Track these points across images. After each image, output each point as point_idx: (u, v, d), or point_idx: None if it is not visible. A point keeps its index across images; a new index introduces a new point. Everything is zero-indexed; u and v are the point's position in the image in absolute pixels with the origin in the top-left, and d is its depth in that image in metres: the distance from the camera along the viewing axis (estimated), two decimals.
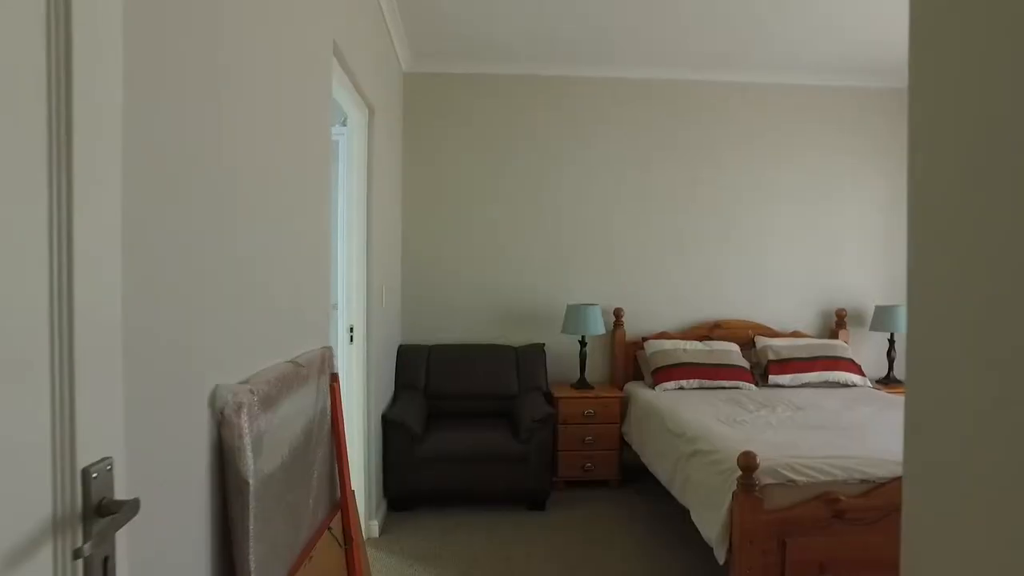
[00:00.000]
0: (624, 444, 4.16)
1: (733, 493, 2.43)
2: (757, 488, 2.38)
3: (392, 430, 3.65)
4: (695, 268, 4.70)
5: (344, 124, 3.34)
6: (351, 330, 3.30)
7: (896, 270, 4.86)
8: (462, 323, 4.55)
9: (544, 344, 4.45)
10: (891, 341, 4.61)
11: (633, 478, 4.19)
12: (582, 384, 4.30)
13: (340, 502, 2.01)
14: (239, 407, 1.24)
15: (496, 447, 3.67)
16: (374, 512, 3.40)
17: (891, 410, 3.51)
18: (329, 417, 2.00)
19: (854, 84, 4.76)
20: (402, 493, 3.70)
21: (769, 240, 4.75)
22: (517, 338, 4.54)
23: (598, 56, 4.37)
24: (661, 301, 4.69)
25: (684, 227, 4.69)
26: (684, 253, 4.69)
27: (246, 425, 1.24)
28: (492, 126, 4.58)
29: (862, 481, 2.45)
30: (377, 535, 3.37)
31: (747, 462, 2.37)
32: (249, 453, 1.24)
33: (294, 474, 1.57)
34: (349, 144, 3.35)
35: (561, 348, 4.56)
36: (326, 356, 2.08)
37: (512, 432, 3.79)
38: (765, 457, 2.45)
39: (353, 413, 3.29)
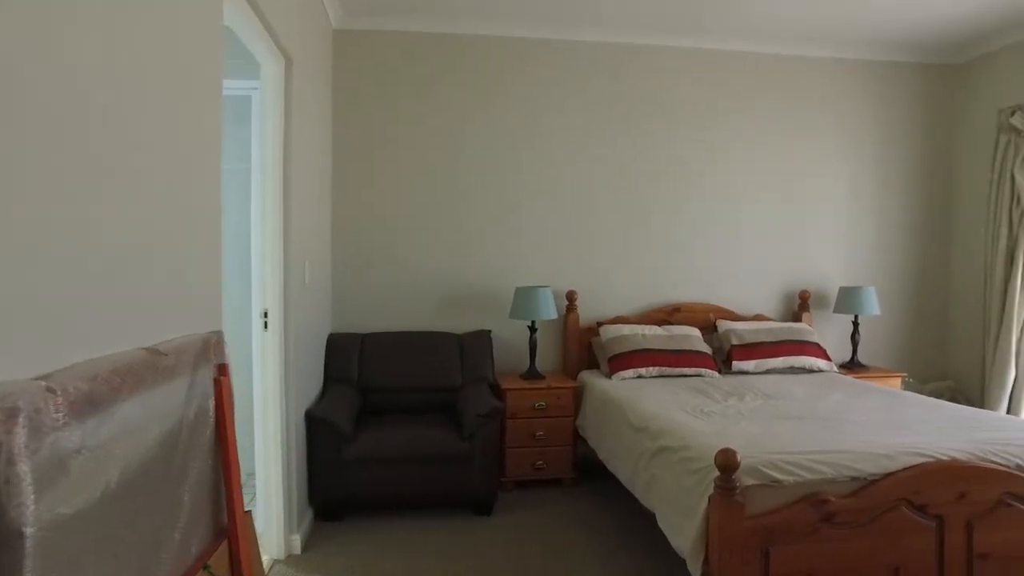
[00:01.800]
0: (579, 439, 3.81)
1: (710, 497, 2.09)
2: (738, 490, 2.05)
3: (317, 429, 3.19)
4: (653, 249, 4.38)
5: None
6: (265, 315, 2.83)
7: (860, 250, 4.65)
8: (400, 309, 4.11)
9: (491, 331, 4.04)
10: (855, 324, 4.40)
11: (589, 476, 3.85)
12: (532, 374, 3.92)
13: (227, 528, 1.57)
14: (10, 417, 0.80)
15: (437, 446, 3.26)
16: (296, 525, 2.94)
17: (864, 397, 3.25)
18: (212, 420, 1.56)
19: (821, 56, 4.51)
20: (330, 500, 3.26)
21: (730, 220, 4.46)
22: (461, 324, 4.13)
23: (552, 16, 3.97)
24: (617, 283, 4.34)
25: (641, 206, 4.35)
26: (641, 233, 4.36)
27: (22, 444, 0.80)
28: (433, 94, 4.13)
29: (852, 479, 2.15)
30: (299, 551, 2.92)
31: (726, 461, 2.03)
32: (26, 487, 0.80)
33: (139, 503, 1.13)
34: (263, 100, 2.87)
35: (509, 335, 4.17)
36: (211, 343, 1.63)
37: (455, 428, 3.39)
38: (744, 454, 2.12)
39: (268, 411, 2.84)
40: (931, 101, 4.73)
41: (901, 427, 2.62)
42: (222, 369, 1.64)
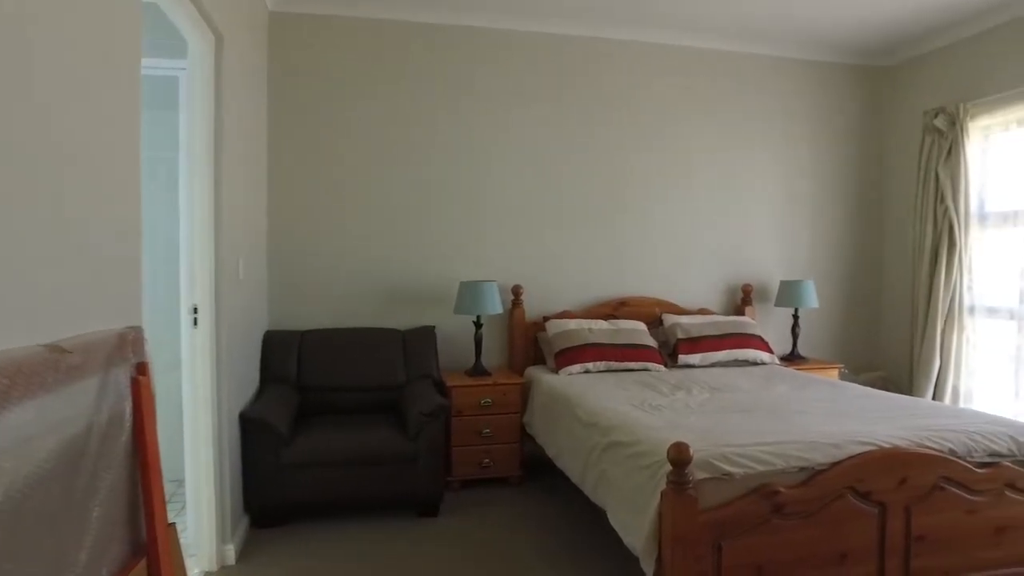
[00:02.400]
0: (526, 436, 3.75)
1: (662, 492, 2.06)
2: (691, 485, 2.02)
3: (253, 431, 3.02)
4: (599, 243, 4.35)
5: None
6: (195, 311, 2.65)
7: (799, 245, 4.75)
8: (341, 305, 3.95)
9: (435, 327, 3.94)
10: (795, 317, 4.49)
11: (537, 474, 3.79)
12: (478, 370, 3.84)
13: (147, 545, 1.42)
14: None
15: (380, 446, 3.14)
16: (229, 534, 2.77)
17: (808, 388, 3.31)
18: (128, 425, 1.41)
19: (765, 53, 4.58)
20: (268, 507, 3.09)
21: (674, 214, 4.48)
22: (404, 320, 4.00)
23: (495, 4, 3.89)
24: (563, 278, 4.30)
25: (587, 201, 4.32)
26: (587, 228, 4.33)
27: None
28: (376, 83, 3.98)
29: (801, 469, 2.15)
30: (233, 562, 2.75)
31: (679, 455, 2.00)
32: None
33: (32, 524, 0.99)
34: (191, 80, 2.68)
35: (454, 330, 4.07)
36: (129, 340, 1.47)
37: (399, 428, 3.27)
38: (696, 448, 2.09)
39: (199, 413, 2.66)
40: (864, 102, 4.87)
41: (845, 417, 2.66)
42: (141, 368, 1.49)
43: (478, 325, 3.85)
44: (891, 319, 4.81)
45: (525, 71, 4.19)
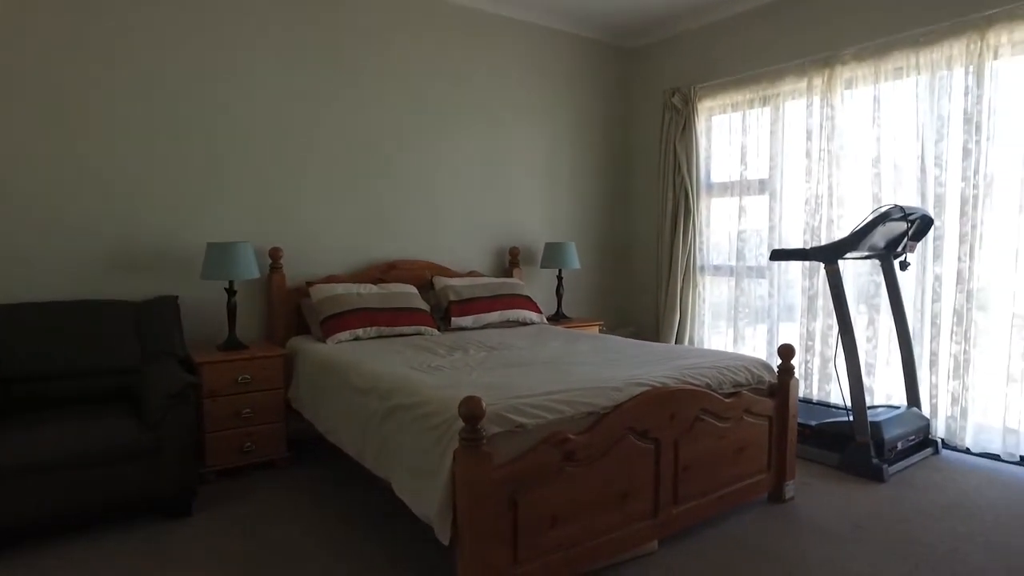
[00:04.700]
0: (292, 413, 3.38)
1: (454, 452, 1.92)
2: (484, 440, 1.91)
3: None
4: (364, 204, 4.07)
5: None
6: None
7: (562, 209, 4.96)
8: (50, 274, 3.15)
9: (177, 296, 3.34)
10: (559, 278, 4.69)
11: (307, 453, 3.46)
12: (232, 343, 3.35)
13: None
14: None
15: (107, 441, 2.54)
16: None
17: (578, 342, 3.43)
18: None
19: (531, 21, 4.63)
20: None
21: (442, 177, 4.37)
22: (138, 290, 3.35)
23: None
24: (327, 240, 3.95)
25: (349, 159, 4.00)
26: (353, 188, 4.02)
27: None
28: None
29: (588, 414, 2.18)
30: None
31: (471, 410, 1.87)
32: None
33: None
34: None
35: (202, 300, 3.52)
36: None
37: (135, 417, 2.71)
38: (487, 401, 1.99)
39: None
40: (616, 78, 5.23)
41: (618, 364, 2.78)
42: None
43: (231, 292, 3.35)
44: (641, 279, 5.29)
45: (286, 22, 3.71)
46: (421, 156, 4.26)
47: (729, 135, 4.66)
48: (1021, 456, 3.34)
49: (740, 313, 4.58)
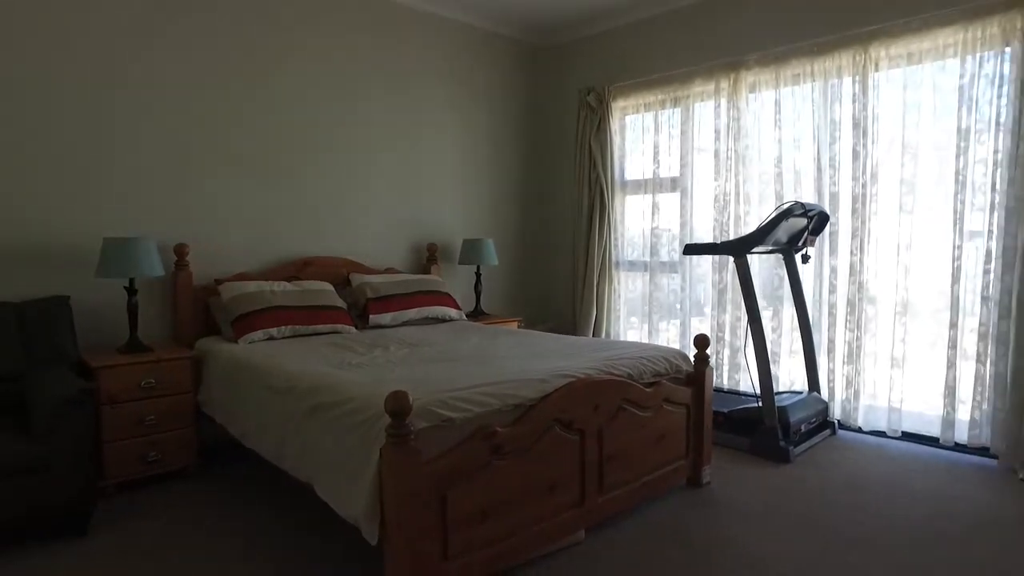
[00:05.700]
0: (202, 418, 3.19)
1: (381, 449, 1.87)
2: (412, 436, 1.87)
3: None
4: (278, 200, 3.91)
5: None
6: None
7: (480, 206, 4.95)
8: None
9: (69, 297, 3.08)
10: (478, 275, 4.68)
11: (219, 460, 3.28)
12: (135, 346, 3.13)
13: None
14: None
15: None
16: None
17: (499, 338, 3.43)
18: None
19: (451, 17, 4.59)
20: None
21: (357, 172, 4.26)
22: (22, 290, 3.06)
23: None
24: (237, 237, 3.76)
25: (259, 152, 3.82)
26: (263, 182, 3.84)
27: None
28: None
29: (516, 406, 2.18)
30: None
31: (398, 405, 1.83)
32: None
33: None
34: None
35: (99, 300, 3.26)
36: None
37: (20, 428, 2.47)
38: (414, 396, 1.96)
39: None
40: (535, 75, 5.28)
41: (541, 357, 2.80)
42: None
43: (131, 292, 3.13)
44: (559, 275, 5.35)
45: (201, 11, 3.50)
46: (335, 152, 4.14)
47: (642, 134, 4.80)
48: (903, 432, 3.64)
49: (654, 307, 4.73)
